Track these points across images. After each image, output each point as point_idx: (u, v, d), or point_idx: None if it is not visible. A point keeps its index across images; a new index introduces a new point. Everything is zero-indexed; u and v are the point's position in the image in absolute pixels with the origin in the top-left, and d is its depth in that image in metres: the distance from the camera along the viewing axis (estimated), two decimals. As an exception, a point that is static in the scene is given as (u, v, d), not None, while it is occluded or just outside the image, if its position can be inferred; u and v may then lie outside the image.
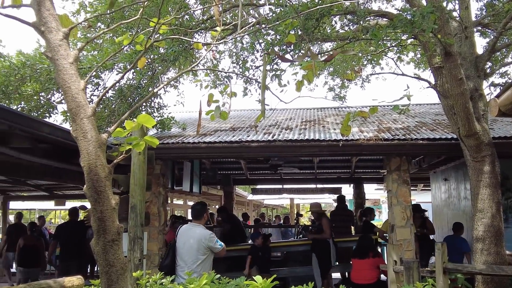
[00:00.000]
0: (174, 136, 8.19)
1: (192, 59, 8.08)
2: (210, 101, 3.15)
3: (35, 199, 16.70)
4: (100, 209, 2.29)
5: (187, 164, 10.15)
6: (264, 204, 24.82)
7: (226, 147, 7.40)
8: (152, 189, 7.59)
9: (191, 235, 5.40)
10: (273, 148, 7.36)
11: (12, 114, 4.90)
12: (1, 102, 6.75)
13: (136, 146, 2.54)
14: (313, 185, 16.04)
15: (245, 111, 12.79)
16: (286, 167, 12.07)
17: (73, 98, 2.27)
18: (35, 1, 2.36)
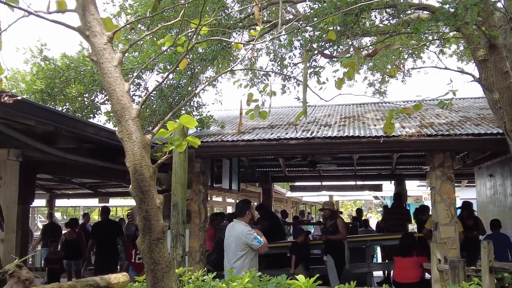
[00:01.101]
0: (213, 135, 8.27)
1: (230, 57, 8.14)
2: (250, 101, 3.17)
3: (80, 197, 17.25)
4: (145, 208, 2.34)
5: (225, 162, 10.24)
6: (303, 201, 24.72)
7: (264, 145, 7.40)
8: (193, 187, 7.70)
9: (232, 231, 5.59)
10: (312, 145, 7.30)
11: (58, 116, 5.08)
12: (47, 104, 7.01)
13: (178, 147, 2.59)
14: (353, 182, 15.84)
15: (283, 109, 12.76)
16: (325, 164, 11.97)
17: (118, 101, 2.32)
18: (80, 6, 2.43)
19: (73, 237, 10.72)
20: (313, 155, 10.17)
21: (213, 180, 9.97)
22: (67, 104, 7.56)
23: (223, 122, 9.59)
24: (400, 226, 10.83)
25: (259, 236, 5.52)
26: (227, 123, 9.84)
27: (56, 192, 14.71)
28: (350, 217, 20.62)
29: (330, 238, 8.61)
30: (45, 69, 6.93)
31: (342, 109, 11.31)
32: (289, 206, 23.77)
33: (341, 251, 8.44)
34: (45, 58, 7.04)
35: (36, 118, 4.47)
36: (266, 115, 3.18)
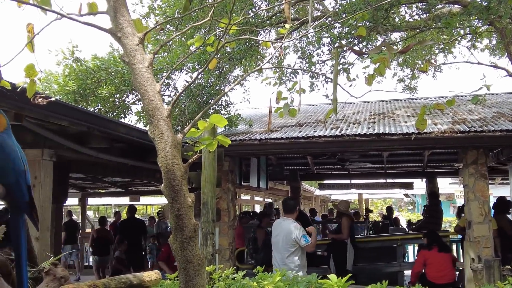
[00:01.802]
0: (241, 133, 8.29)
1: (257, 55, 8.13)
2: (279, 99, 3.15)
3: (111, 195, 17.59)
4: (177, 207, 2.36)
5: (253, 160, 10.25)
6: (331, 199, 24.54)
7: (292, 143, 7.38)
8: (222, 186, 7.74)
9: (281, 228, 5.56)
10: (341, 143, 7.24)
11: (90, 116, 5.19)
12: (79, 105, 7.17)
13: (209, 146, 2.60)
14: (383, 179, 15.60)
15: (311, 106, 12.67)
16: (354, 161, 11.84)
17: (149, 101, 2.35)
18: (111, 8, 2.46)
19: (102, 235, 11.18)
20: (342, 153, 10.06)
21: (241, 179, 10.00)
22: (99, 105, 7.72)
23: (251, 120, 9.60)
24: (435, 225, 10.62)
25: (309, 234, 5.54)
26: (255, 122, 9.84)
27: (88, 190, 15.04)
28: (380, 215, 20.36)
29: (333, 237, 8.59)
30: (77, 71, 7.09)
31: (372, 106, 11.16)
32: (317, 204, 23.65)
33: (342, 251, 8.27)
34: (77, 59, 7.21)
35: (69, 118, 4.58)
36: (295, 112, 3.16)
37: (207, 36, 2.70)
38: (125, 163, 6.85)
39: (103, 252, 11.04)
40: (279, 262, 5.42)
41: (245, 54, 6.82)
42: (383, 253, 8.72)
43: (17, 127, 4.23)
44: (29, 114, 4.20)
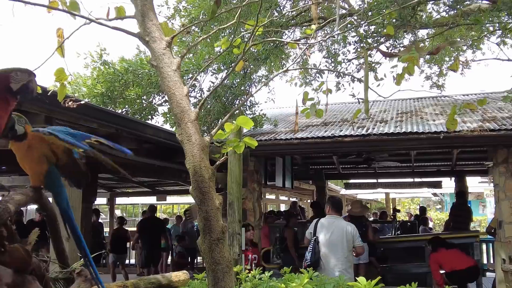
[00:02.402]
0: (266, 133, 8.29)
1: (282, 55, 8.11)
2: (305, 100, 3.14)
3: (138, 195, 17.85)
4: (205, 209, 2.38)
5: (278, 159, 10.24)
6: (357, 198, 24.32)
7: (318, 142, 7.34)
8: (247, 186, 7.77)
9: (336, 227, 5.16)
10: (368, 142, 7.16)
11: (119, 118, 5.29)
12: (108, 107, 7.31)
13: (236, 148, 2.61)
14: (410, 179, 15.37)
15: (337, 105, 12.57)
16: (381, 160, 11.70)
17: (177, 104, 2.38)
18: (139, 12, 2.50)
19: (121, 233, 11.38)
20: (369, 152, 9.96)
21: (267, 178, 10.00)
22: (127, 106, 7.84)
23: (276, 120, 9.59)
24: (462, 224, 10.40)
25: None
26: (280, 121, 9.83)
27: (116, 190, 15.31)
28: (408, 215, 20.06)
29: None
30: (105, 73, 7.22)
31: (399, 104, 11.00)
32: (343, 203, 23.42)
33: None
34: (105, 62, 7.34)
35: (99, 121, 4.66)
36: (322, 113, 3.14)
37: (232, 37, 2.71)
38: (153, 164, 6.94)
39: (121, 250, 11.23)
40: (336, 261, 5.05)
41: (270, 54, 6.82)
42: (411, 254, 8.58)
43: (48, 130, 4.33)
44: (59, 117, 4.30)
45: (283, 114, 11.40)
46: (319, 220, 5.42)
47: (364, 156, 10.45)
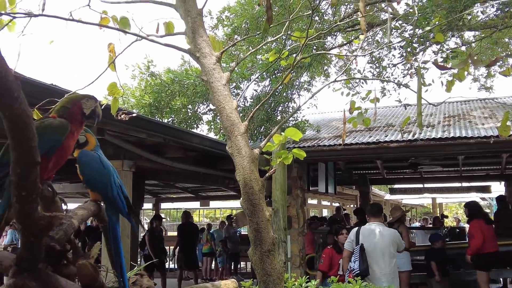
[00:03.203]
0: (309, 139, 8.26)
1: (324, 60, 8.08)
2: (353, 109, 3.12)
3: (182, 200, 18.15)
4: (255, 221, 2.41)
5: (321, 165, 10.16)
6: (403, 203, 23.78)
7: (363, 148, 7.24)
8: (291, 192, 7.76)
9: (379, 234, 5.02)
10: (414, 148, 7.00)
11: (166, 128, 5.42)
12: (155, 117, 7.51)
13: (285, 159, 2.63)
14: (458, 183, 14.89)
15: (381, 109, 12.36)
16: (428, 165, 11.39)
17: (227, 117, 2.42)
18: (190, 29, 2.57)
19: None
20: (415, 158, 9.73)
21: (309, 184, 9.95)
22: (173, 116, 8.02)
23: (318, 126, 9.54)
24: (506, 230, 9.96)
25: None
26: (322, 127, 9.77)
27: (161, 196, 15.64)
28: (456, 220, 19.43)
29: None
30: (152, 84, 7.43)
31: (446, 107, 10.69)
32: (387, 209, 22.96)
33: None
34: (152, 74, 7.55)
35: (147, 131, 4.80)
36: (369, 122, 3.11)
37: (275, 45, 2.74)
38: (198, 171, 7.05)
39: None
40: (382, 270, 4.92)
41: (313, 60, 6.81)
42: (462, 261, 8.30)
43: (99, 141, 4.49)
44: (110, 128, 4.45)
45: (325, 120, 11.33)
46: (359, 228, 5.28)
47: (410, 161, 10.21)
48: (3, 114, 0.95)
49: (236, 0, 8.05)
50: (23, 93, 0.97)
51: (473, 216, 6.94)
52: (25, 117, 0.98)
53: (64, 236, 1.59)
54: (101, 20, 2.93)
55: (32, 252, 1.30)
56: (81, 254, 1.77)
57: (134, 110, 7.39)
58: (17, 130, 0.99)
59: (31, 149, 1.05)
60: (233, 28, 7.30)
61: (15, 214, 1.17)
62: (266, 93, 7.42)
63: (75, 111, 1.82)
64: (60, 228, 1.56)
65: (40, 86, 3.43)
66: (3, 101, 0.92)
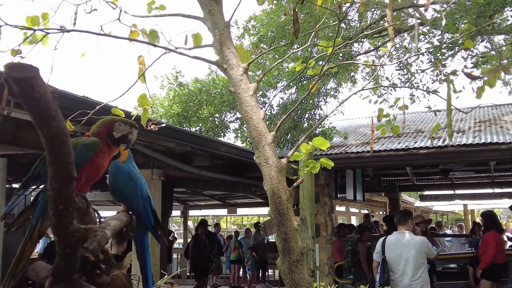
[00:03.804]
0: (336, 146, 8.21)
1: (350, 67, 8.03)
2: (381, 117, 3.09)
3: (210, 208, 18.29)
4: (283, 230, 2.42)
5: (349, 172, 10.06)
6: (433, 210, 23.29)
7: (392, 155, 7.14)
8: (319, 200, 7.72)
9: (407, 243, 4.88)
10: (445, 154, 6.86)
11: (194, 137, 5.49)
12: (183, 126, 7.62)
13: (313, 169, 2.63)
14: (490, 189, 14.51)
15: (410, 114, 12.18)
16: (458, 171, 11.14)
17: (255, 128, 2.45)
18: (217, 41, 2.61)
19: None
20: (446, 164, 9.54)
21: (337, 191, 9.87)
22: (200, 124, 8.12)
23: (346, 132, 9.47)
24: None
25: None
26: (350, 133, 9.69)
27: (189, 203, 15.80)
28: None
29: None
30: (180, 94, 7.54)
31: (476, 112, 10.45)
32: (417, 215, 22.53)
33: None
34: (180, 84, 7.67)
35: (176, 140, 4.87)
36: (398, 130, 3.08)
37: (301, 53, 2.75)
38: (225, 179, 7.10)
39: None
40: (410, 281, 4.77)
41: (339, 68, 6.78)
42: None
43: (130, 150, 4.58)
44: (140, 138, 4.54)
45: (353, 126, 11.24)
46: (386, 238, 5.15)
47: (441, 167, 10.01)
48: (42, 132, 0.99)
49: (262, 9, 8.13)
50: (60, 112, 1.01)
51: (489, 227, 6.76)
52: (62, 135, 1.02)
53: (98, 247, 1.64)
54: (131, 34, 3.01)
55: (68, 263, 1.34)
56: (114, 264, 1.81)
57: (163, 119, 7.51)
58: (55, 147, 1.03)
59: (68, 165, 1.09)
60: (259, 37, 7.34)
61: (52, 227, 1.21)
62: (292, 100, 7.42)
63: (103, 132, 1.88)
64: (94, 239, 1.61)
65: (72, 99, 3.53)
66: (42, 120, 0.96)
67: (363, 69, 9.62)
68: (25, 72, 0.87)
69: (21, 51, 2.65)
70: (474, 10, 4.11)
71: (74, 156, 1.11)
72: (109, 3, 3.05)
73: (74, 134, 2.95)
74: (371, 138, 2.95)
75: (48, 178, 1.11)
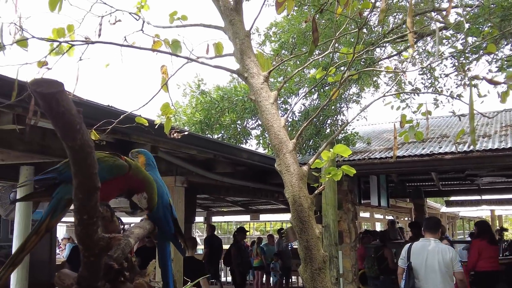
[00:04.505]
0: (359, 152, 8.14)
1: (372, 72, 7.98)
2: (404, 123, 3.06)
3: (233, 214, 18.32)
4: (305, 238, 2.41)
5: (373, 178, 9.96)
6: (460, 216, 22.83)
7: (416, 161, 7.04)
8: (342, 206, 7.66)
9: (432, 250, 4.75)
10: (470, 159, 6.73)
11: (216, 144, 5.52)
12: (205, 133, 7.69)
13: (334, 176, 2.62)
14: (518, 195, 14.16)
15: (434, 119, 12.00)
16: (485, 176, 10.91)
17: (275, 135, 2.45)
18: (238, 50, 2.63)
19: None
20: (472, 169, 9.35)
21: (361, 197, 9.77)
22: (222, 132, 8.17)
23: (369, 138, 9.38)
24: None
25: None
26: (373, 139, 9.60)
27: (212, 209, 15.88)
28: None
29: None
30: (202, 102, 7.62)
31: (502, 117, 10.22)
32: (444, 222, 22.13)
33: None
34: (203, 92, 7.75)
35: (198, 147, 4.91)
36: (422, 136, 3.04)
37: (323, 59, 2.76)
38: (247, 186, 7.11)
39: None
40: (434, 285, 4.67)
41: (361, 73, 6.74)
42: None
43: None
44: (163, 146, 4.59)
45: (376, 131, 11.13)
46: (412, 244, 5.02)
47: (467, 172, 9.82)
48: (67, 145, 1.02)
49: (283, 16, 8.15)
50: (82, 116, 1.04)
51: (479, 235, 6.86)
52: (87, 147, 1.05)
53: (122, 255, 1.67)
54: (154, 44, 3.07)
55: (92, 271, 1.37)
56: (138, 271, 1.84)
57: (186, 127, 7.60)
58: (79, 158, 1.06)
59: (92, 176, 1.12)
60: (280, 43, 7.37)
61: (77, 236, 1.24)
62: (314, 107, 7.41)
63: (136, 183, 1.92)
64: (118, 247, 1.64)
65: (97, 108, 3.60)
66: (67, 133, 0.99)
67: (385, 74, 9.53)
68: (51, 87, 0.91)
69: (47, 63, 2.73)
70: (498, 14, 4.04)
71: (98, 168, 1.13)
72: (132, 14, 3.12)
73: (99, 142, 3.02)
74: (394, 145, 2.92)
75: (73, 189, 1.14)
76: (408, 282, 4.80)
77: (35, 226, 1.70)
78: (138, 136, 4.13)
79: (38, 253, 7.20)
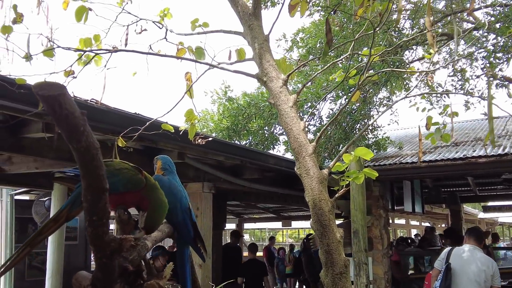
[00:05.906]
0: (390, 157, 7.99)
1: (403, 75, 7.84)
2: (429, 125, 3.00)
3: (265, 220, 18.32)
4: (326, 242, 2.39)
5: (406, 183, 9.75)
6: (499, 222, 22.06)
7: (449, 165, 6.84)
8: (372, 212, 7.52)
9: (469, 256, 4.66)
10: (505, 163, 6.49)
11: (243, 150, 5.55)
12: (232, 139, 7.74)
13: (356, 179, 2.58)
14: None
15: (468, 122, 11.68)
16: (525, 181, 10.51)
17: (295, 139, 2.45)
18: (257, 55, 2.65)
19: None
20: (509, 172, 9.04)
21: (394, 203, 9.57)
22: (250, 138, 8.20)
23: (400, 142, 9.21)
24: None
25: None
26: (405, 143, 9.41)
27: (244, 216, 15.91)
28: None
29: None
30: (229, 108, 7.68)
31: (542, 118, 9.85)
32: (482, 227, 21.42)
33: None
34: (230, 98, 7.81)
35: (225, 154, 4.94)
36: (449, 138, 2.97)
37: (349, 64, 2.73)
38: (275, 192, 7.09)
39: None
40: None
41: (390, 76, 6.63)
42: None
43: (181, 164, 4.71)
44: (190, 152, 4.65)
45: (408, 136, 10.92)
46: (453, 248, 4.88)
47: (504, 176, 9.48)
48: (72, 147, 1.05)
49: (311, 21, 8.14)
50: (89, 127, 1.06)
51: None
52: (92, 149, 1.08)
53: (138, 257, 1.69)
54: (178, 52, 3.13)
55: (105, 273, 1.39)
56: (155, 274, 1.86)
57: (213, 133, 7.67)
58: (86, 160, 1.09)
59: (100, 177, 1.15)
60: (308, 49, 7.35)
61: (88, 237, 1.27)
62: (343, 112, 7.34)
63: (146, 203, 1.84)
64: (134, 249, 1.66)
65: (124, 116, 3.68)
66: (72, 135, 1.02)
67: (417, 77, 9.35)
68: (53, 90, 0.94)
69: (74, 72, 2.82)
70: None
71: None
72: (156, 23, 3.19)
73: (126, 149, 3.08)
74: (419, 148, 2.87)
75: (82, 191, 1.17)
76: (445, 283, 4.64)
77: (55, 213, 1.75)
78: (165, 143, 4.20)
79: (73, 260, 7.38)
